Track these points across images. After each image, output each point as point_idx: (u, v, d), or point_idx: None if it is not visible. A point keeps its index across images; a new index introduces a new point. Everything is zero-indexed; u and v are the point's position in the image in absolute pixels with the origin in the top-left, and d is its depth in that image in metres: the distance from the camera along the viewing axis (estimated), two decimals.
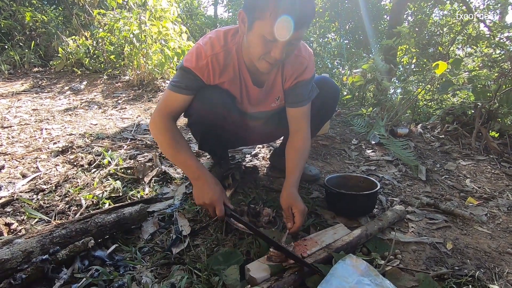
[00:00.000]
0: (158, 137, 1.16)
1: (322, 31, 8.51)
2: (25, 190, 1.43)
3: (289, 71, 1.19)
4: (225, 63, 1.11)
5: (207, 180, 1.12)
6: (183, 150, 1.14)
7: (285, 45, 0.95)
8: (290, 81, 1.21)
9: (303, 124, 1.25)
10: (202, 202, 1.11)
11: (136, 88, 3.63)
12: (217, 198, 1.08)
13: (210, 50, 1.07)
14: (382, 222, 1.22)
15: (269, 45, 0.96)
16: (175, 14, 3.72)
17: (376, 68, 2.97)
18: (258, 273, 0.90)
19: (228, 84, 1.17)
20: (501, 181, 1.87)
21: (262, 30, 0.93)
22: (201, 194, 1.11)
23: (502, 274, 1.04)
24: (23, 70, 4.18)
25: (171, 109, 1.15)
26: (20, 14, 4.42)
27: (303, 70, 1.18)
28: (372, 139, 2.39)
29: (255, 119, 1.36)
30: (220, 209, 1.07)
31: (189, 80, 1.10)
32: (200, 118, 1.21)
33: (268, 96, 1.25)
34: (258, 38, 0.96)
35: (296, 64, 1.17)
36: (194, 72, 1.09)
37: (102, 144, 1.98)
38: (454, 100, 4.12)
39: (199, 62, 1.08)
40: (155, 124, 1.15)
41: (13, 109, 2.74)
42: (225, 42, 1.09)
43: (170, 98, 1.14)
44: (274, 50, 0.96)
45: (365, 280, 0.82)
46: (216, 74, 1.11)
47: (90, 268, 0.95)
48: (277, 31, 0.91)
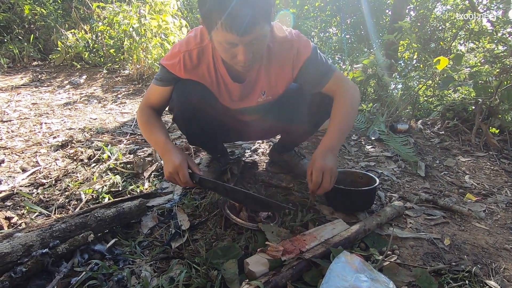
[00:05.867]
0: (139, 123, 1.24)
1: (323, 26, 8.44)
2: (25, 184, 1.44)
3: (279, 60, 1.15)
4: (198, 60, 1.13)
5: (171, 152, 1.13)
6: (154, 130, 1.19)
7: (246, 47, 0.93)
8: (289, 69, 1.16)
9: (337, 91, 1.19)
10: (167, 173, 1.11)
11: (135, 83, 3.62)
12: (179, 163, 1.08)
13: (184, 47, 1.11)
14: (380, 217, 1.22)
15: (231, 50, 0.95)
16: (175, 8, 3.69)
17: (377, 64, 2.95)
18: (257, 267, 0.90)
19: (202, 81, 1.18)
20: (500, 178, 1.87)
21: (218, 39, 0.93)
22: (166, 166, 1.12)
23: (498, 270, 1.05)
24: (22, 63, 4.17)
25: (151, 101, 1.23)
26: (19, 7, 4.39)
27: (296, 52, 1.13)
28: (372, 135, 2.38)
29: (243, 114, 1.35)
30: (183, 174, 1.08)
31: (164, 73, 1.17)
32: (179, 110, 1.23)
33: (251, 91, 1.23)
34: (219, 46, 0.96)
35: (284, 51, 1.13)
36: (167, 69, 1.14)
37: (101, 139, 1.98)
38: (455, 96, 4.10)
39: (173, 59, 1.12)
40: (137, 114, 1.25)
41: (13, 103, 2.74)
42: (201, 40, 1.11)
43: (150, 91, 1.22)
44: (239, 54, 0.95)
45: (361, 277, 0.83)
46: (187, 69, 1.13)
47: (89, 262, 0.96)
48: (231, 38, 0.89)
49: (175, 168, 1.09)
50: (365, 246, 1.11)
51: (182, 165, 1.09)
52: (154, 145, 1.27)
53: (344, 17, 8.00)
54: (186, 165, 1.10)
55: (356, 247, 1.09)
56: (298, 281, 0.91)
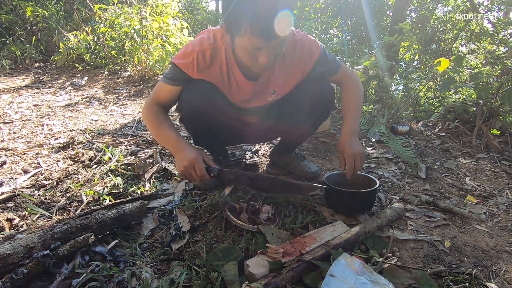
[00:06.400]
0: (145, 120, 1.23)
1: (324, 27, 8.45)
2: (26, 185, 1.45)
3: (293, 58, 1.18)
4: (211, 60, 1.13)
5: (185, 147, 1.13)
6: (165, 127, 1.19)
7: (270, 51, 0.95)
8: (300, 68, 1.21)
9: (343, 80, 1.31)
10: (182, 167, 1.11)
11: (137, 84, 3.63)
12: (194, 157, 1.08)
13: (198, 47, 1.11)
14: (380, 219, 1.22)
15: (254, 54, 0.96)
16: (176, 9, 3.71)
17: (378, 65, 2.96)
18: (257, 269, 0.91)
19: (214, 81, 1.18)
20: (501, 180, 1.87)
21: (244, 43, 0.94)
22: (180, 162, 1.12)
23: (499, 272, 1.05)
24: (24, 65, 4.18)
25: (159, 99, 1.22)
26: (21, 9, 4.41)
27: (308, 51, 1.19)
28: (373, 136, 2.38)
29: (251, 114, 1.36)
30: (199, 168, 1.08)
31: (176, 73, 1.16)
32: (189, 110, 1.23)
33: (263, 90, 1.24)
34: (242, 51, 0.97)
35: (297, 51, 1.17)
36: (180, 68, 1.14)
37: (103, 140, 1.99)
38: (456, 98, 4.10)
39: (186, 59, 1.12)
40: (144, 111, 1.23)
41: (15, 105, 2.75)
42: (215, 41, 1.12)
43: (159, 89, 1.21)
44: (261, 57, 0.96)
45: (361, 279, 0.83)
46: (200, 69, 1.13)
47: (90, 263, 0.96)
48: (258, 43, 0.91)
49: (191, 162, 1.08)
50: (365, 248, 1.11)
51: (198, 158, 1.09)
52: (164, 142, 1.26)
53: (345, 18, 8.01)
54: (202, 159, 1.11)
55: (356, 249, 1.09)
56: (298, 283, 0.91)
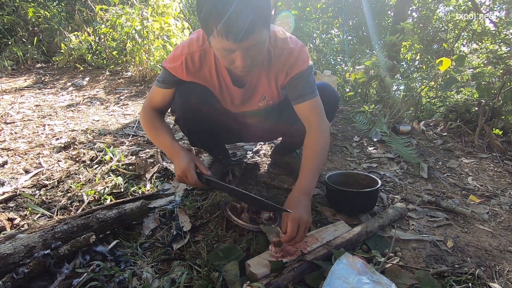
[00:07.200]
0: (142, 124, 1.26)
1: (325, 27, 8.44)
2: (27, 185, 1.45)
3: (277, 66, 1.14)
4: (200, 63, 1.12)
5: (178, 154, 1.14)
6: (160, 132, 1.20)
7: (244, 53, 0.93)
8: (282, 76, 1.16)
9: (312, 120, 1.17)
10: (177, 175, 1.12)
11: (138, 84, 3.63)
12: (185, 166, 1.09)
13: (186, 49, 1.11)
14: (382, 219, 1.22)
15: (229, 56, 0.94)
16: (177, 10, 3.71)
17: (379, 65, 2.95)
18: (258, 269, 0.90)
19: (205, 84, 1.18)
20: (503, 179, 1.86)
21: (216, 45, 0.93)
22: (175, 168, 1.13)
23: (502, 272, 1.04)
24: (26, 66, 4.20)
25: (153, 102, 1.23)
26: (23, 10, 4.42)
27: (294, 61, 1.12)
28: (374, 136, 2.38)
29: (245, 117, 1.35)
30: (190, 176, 1.08)
31: (166, 76, 1.17)
32: (182, 111, 1.23)
33: (252, 96, 1.23)
34: (217, 52, 0.96)
35: (282, 57, 1.12)
36: (169, 71, 1.14)
37: (104, 140, 1.99)
38: (457, 97, 4.08)
39: (175, 62, 1.12)
40: (141, 115, 1.26)
41: (16, 105, 2.76)
42: (203, 43, 1.10)
43: (153, 92, 1.23)
44: (236, 60, 0.94)
45: (363, 279, 0.83)
46: (189, 72, 1.13)
47: (91, 263, 0.96)
48: (227, 45, 0.89)
49: (183, 171, 1.09)
50: (367, 248, 1.10)
51: (189, 167, 1.09)
52: (160, 147, 1.28)
53: (346, 18, 8.01)
54: (193, 166, 1.10)
55: (358, 249, 1.09)
56: (299, 283, 0.90)
